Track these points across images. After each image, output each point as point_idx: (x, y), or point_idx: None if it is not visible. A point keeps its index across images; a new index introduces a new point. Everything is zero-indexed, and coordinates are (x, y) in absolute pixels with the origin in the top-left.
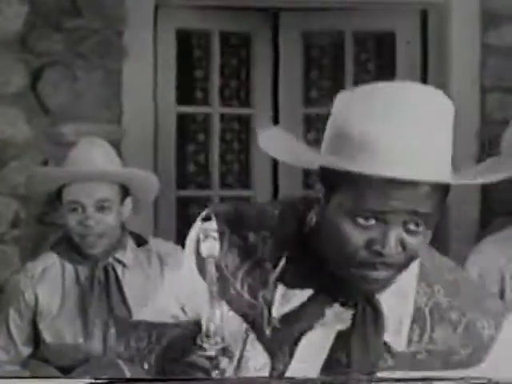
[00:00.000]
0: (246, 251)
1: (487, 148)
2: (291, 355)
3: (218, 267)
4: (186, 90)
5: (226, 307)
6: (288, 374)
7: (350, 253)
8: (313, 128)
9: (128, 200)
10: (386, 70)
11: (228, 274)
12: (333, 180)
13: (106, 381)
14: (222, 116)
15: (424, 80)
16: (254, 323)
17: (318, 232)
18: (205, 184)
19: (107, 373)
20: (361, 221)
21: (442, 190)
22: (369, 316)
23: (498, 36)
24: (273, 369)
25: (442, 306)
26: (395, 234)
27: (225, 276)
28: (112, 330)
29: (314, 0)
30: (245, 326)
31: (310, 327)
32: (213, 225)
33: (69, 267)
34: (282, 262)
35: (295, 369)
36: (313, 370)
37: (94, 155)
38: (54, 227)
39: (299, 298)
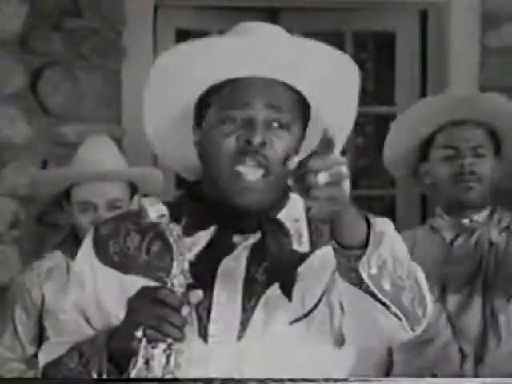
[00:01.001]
0: (141, 230)
1: None
2: (211, 287)
3: (121, 251)
4: None
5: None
6: (213, 302)
7: (223, 154)
8: None
9: (136, 198)
10: (385, 70)
11: (132, 252)
12: (205, 102)
13: (106, 381)
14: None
15: (423, 80)
16: (170, 283)
17: (203, 173)
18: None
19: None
20: (228, 121)
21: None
22: (275, 229)
23: (498, 36)
24: (196, 305)
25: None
26: (260, 126)
27: (130, 255)
28: None
29: (314, 0)
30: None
31: (222, 259)
32: (154, 198)
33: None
34: (183, 222)
35: (217, 296)
36: (234, 291)
37: (102, 154)
38: (53, 228)
39: (204, 238)
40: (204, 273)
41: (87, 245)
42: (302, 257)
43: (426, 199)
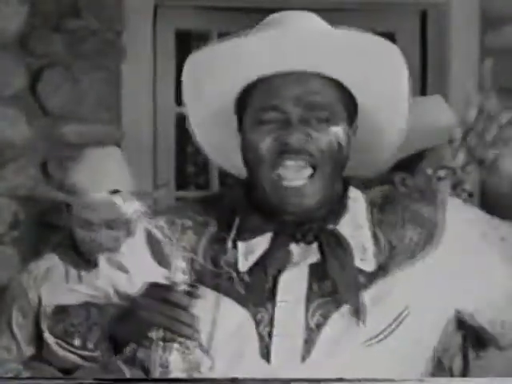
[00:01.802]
0: (198, 228)
1: None
2: (272, 303)
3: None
4: None
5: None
6: (278, 321)
7: (262, 157)
8: None
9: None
10: None
11: (188, 252)
12: (243, 102)
13: (106, 381)
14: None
15: (423, 80)
16: (224, 290)
17: (248, 174)
18: (204, 185)
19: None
20: (265, 122)
21: (336, 86)
22: (334, 244)
23: (498, 37)
24: (257, 322)
25: (384, 220)
26: (296, 125)
27: (186, 257)
28: None
29: (313, 1)
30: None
31: (281, 271)
32: (125, 193)
33: (72, 271)
34: (236, 224)
35: (280, 311)
36: (296, 308)
37: (103, 175)
38: (53, 228)
39: (261, 246)
40: (260, 284)
41: (140, 234)
42: (370, 278)
43: None
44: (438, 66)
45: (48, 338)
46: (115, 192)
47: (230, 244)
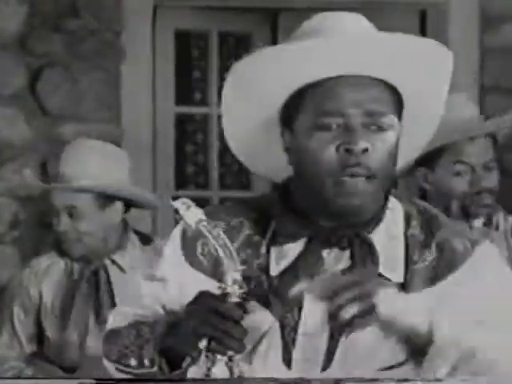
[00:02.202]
0: (231, 232)
1: None
2: (299, 310)
3: (209, 253)
4: (185, 90)
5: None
6: (300, 326)
7: (324, 165)
8: None
9: (117, 204)
10: None
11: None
12: (294, 106)
13: (106, 381)
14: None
15: None
16: (253, 294)
17: (295, 180)
18: (204, 184)
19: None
20: (324, 128)
21: (395, 92)
22: (365, 252)
23: (497, 36)
24: (282, 328)
25: (415, 236)
26: (357, 133)
27: (217, 258)
28: (93, 333)
29: (313, 0)
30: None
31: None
32: (186, 199)
33: (71, 265)
34: (271, 228)
35: (305, 318)
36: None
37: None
38: (52, 228)
39: (293, 251)
40: (290, 290)
41: (176, 236)
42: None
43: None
44: None
45: (106, 364)
46: (173, 199)
47: (264, 248)
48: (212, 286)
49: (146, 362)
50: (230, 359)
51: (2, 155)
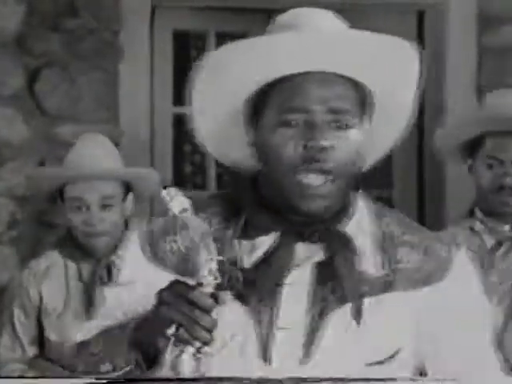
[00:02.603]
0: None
1: None
2: (274, 303)
3: (178, 249)
4: (183, 90)
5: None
6: (279, 320)
7: (285, 161)
8: None
9: (130, 196)
10: None
11: (186, 252)
12: (260, 101)
13: (106, 381)
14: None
15: (420, 80)
16: (226, 288)
17: (262, 173)
18: (201, 184)
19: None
20: (287, 124)
21: (359, 90)
22: (341, 244)
23: (495, 37)
24: (257, 322)
25: (395, 233)
26: (320, 130)
27: (184, 255)
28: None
29: (310, 1)
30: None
31: (285, 269)
32: (174, 189)
33: (71, 265)
34: (241, 222)
35: (282, 312)
36: (298, 310)
37: (97, 153)
38: (51, 227)
39: (265, 244)
40: (264, 283)
41: (134, 244)
42: (373, 287)
43: (423, 199)
44: (435, 67)
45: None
46: (163, 188)
47: (235, 241)
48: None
49: (120, 362)
50: (198, 351)
51: (0, 155)
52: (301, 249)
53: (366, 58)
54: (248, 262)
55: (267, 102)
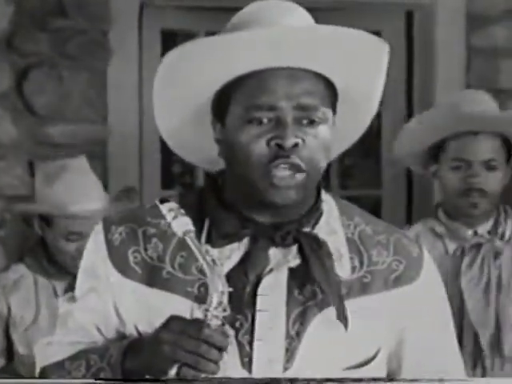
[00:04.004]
0: (163, 237)
1: None
2: (251, 311)
3: (143, 260)
4: None
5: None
6: (257, 328)
7: (254, 159)
8: None
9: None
10: None
11: (155, 262)
12: (225, 98)
13: (105, 381)
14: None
15: (409, 80)
16: (197, 299)
17: (227, 172)
18: (190, 184)
19: None
20: (255, 122)
21: (328, 85)
22: (315, 247)
23: (484, 37)
24: (236, 330)
25: (367, 233)
26: (289, 127)
27: (153, 265)
28: None
29: (299, 1)
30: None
31: (260, 276)
32: (174, 204)
33: (43, 281)
34: (206, 227)
35: (260, 320)
36: (277, 316)
37: (82, 191)
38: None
39: (237, 251)
40: (239, 291)
41: (99, 248)
42: (350, 289)
43: (412, 199)
44: (424, 67)
45: None
46: (162, 201)
47: (202, 248)
48: (151, 294)
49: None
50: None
51: None
52: (274, 254)
53: (332, 53)
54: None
55: (232, 99)
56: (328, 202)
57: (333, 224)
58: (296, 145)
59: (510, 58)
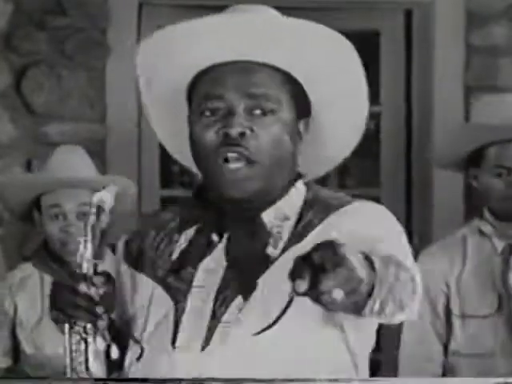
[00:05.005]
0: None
1: None
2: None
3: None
4: None
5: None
6: (186, 308)
7: (205, 150)
8: None
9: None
10: (370, 69)
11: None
12: (191, 93)
13: (105, 381)
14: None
15: (408, 79)
16: (158, 280)
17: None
18: (189, 183)
19: None
20: (207, 112)
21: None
22: (249, 232)
23: (482, 36)
24: (176, 311)
25: (314, 222)
26: (238, 116)
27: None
28: None
29: (297, 0)
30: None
31: (202, 259)
32: (112, 187)
33: (47, 278)
34: (180, 215)
35: (192, 300)
36: (207, 298)
37: (74, 163)
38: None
39: (187, 236)
40: (184, 274)
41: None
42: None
43: (411, 199)
44: (423, 65)
45: None
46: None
47: (175, 236)
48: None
49: None
50: (85, 330)
51: None
52: (216, 238)
53: (290, 45)
54: (175, 254)
55: (193, 93)
56: (298, 193)
57: (287, 211)
58: (243, 134)
59: (508, 57)
